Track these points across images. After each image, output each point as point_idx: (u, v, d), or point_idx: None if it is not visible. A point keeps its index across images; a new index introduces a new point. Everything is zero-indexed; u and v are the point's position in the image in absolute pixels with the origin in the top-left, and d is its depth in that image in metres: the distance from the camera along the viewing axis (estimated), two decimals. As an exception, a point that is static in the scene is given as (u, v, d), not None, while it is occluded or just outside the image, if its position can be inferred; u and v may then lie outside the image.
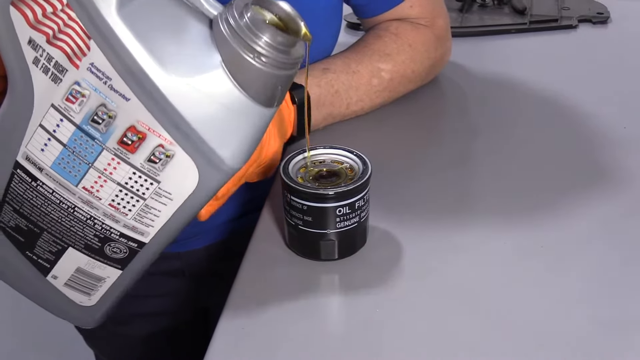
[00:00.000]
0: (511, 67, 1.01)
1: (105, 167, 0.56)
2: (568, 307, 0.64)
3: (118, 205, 0.58)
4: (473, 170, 0.81)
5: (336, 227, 0.67)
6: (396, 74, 0.85)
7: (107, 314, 0.68)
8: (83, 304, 0.65)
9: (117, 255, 0.61)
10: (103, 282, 0.63)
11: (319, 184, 0.68)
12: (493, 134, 0.86)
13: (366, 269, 0.68)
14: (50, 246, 0.61)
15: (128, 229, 0.59)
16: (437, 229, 0.73)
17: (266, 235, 0.72)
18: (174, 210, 0.59)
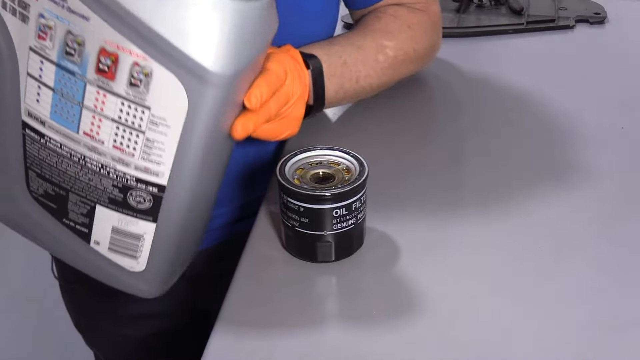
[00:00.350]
0: (508, 67, 1.01)
1: (94, 104, 0.56)
2: (567, 307, 0.64)
3: (121, 146, 0.57)
4: (470, 170, 0.81)
5: (333, 228, 0.67)
6: (399, 52, 0.85)
7: (169, 281, 0.66)
8: (134, 269, 0.63)
9: (143, 205, 0.59)
10: (142, 240, 0.61)
11: (315, 186, 0.68)
12: (489, 135, 0.86)
13: (363, 271, 0.68)
14: (80, 207, 0.61)
15: (141, 172, 0.58)
16: (434, 230, 0.73)
17: (263, 237, 0.72)
18: (177, 140, 0.57)
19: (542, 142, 0.85)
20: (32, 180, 0.62)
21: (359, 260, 0.69)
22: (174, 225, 0.62)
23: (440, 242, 0.71)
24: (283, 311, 0.65)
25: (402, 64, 0.87)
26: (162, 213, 0.60)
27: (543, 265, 0.68)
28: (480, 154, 0.83)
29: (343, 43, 0.82)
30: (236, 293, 0.67)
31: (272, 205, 0.76)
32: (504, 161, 0.82)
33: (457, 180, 0.79)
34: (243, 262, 0.70)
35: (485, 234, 0.72)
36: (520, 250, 0.70)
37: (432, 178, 0.80)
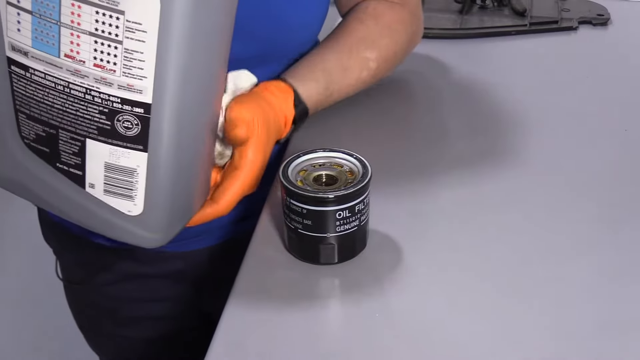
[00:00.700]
0: (511, 69, 1.01)
1: (71, 19, 0.57)
2: (572, 310, 0.64)
3: (102, 62, 0.58)
4: (474, 172, 0.80)
5: (336, 230, 0.67)
6: (381, 60, 0.87)
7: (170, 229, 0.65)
8: (132, 213, 0.63)
9: (132, 131, 0.59)
10: (136, 175, 0.61)
11: (318, 188, 0.68)
12: (492, 136, 0.86)
13: (366, 273, 0.68)
14: (71, 146, 0.61)
15: (125, 90, 0.58)
16: (438, 233, 0.73)
17: (265, 239, 0.72)
18: (155, 47, 0.57)
19: (545, 144, 0.85)
20: (23, 124, 0.62)
21: (362, 262, 0.69)
22: (166, 154, 0.61)
23: (444, 245, 0.71)
24: (285, 314, 0.65)
25: (382, 71, 0.89)
26: (151, 139, 0.60)
27: (549, 269, 0.68)
28: (484, 155, 0.83)
29: (334, 70, 0.84)
30: (238, 295, 0.66)
31: (274, 207, 0.76)
32: (508, 163, 0.82)
33: (461, 182, 0.79)
34: (245, 264, 0.70)
35: (491, 236, 0.72)
36: (525, 253, 0.70)
37: (437, 180, 0.79)
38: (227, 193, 0.70)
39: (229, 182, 0.70)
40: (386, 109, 0.90)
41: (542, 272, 0.68)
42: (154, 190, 0.62)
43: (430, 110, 0.93)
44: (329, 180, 0.69)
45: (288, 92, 0.79)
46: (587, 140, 0.85)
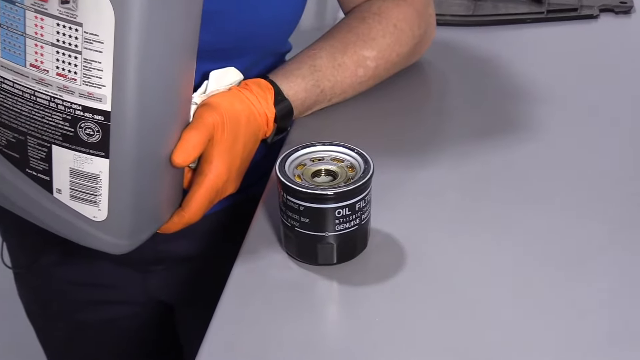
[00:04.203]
0: (527, 59, 1.01)
1: (35, 31, 0.63)
2: (580, 315, 0.64)
3: (64, 72, 0.63)
4: (480, 169, 0.81)
5: (335, 229, 0.67)
6: (381, 60, 0.88)
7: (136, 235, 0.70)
8: (97, 218, 0.67)
9: (93, 138, 0.65)
10: (100, 180, 0.66)
11: (317, 183, 0.68)
12: (504, 131, 0.86)
13: (366, 275, 0.68)
14: (39, 152, 0.67)
15: (85, 98, 0.63)
16: (442, 232, 0.73)
17: (260, 237, 0.73)
18: (111, 58, 0.62)
19: (560, 138, 0.85)
20: None
21: (362, 263, 0.69)
22: (127, 160, 0.66)
23: (449, 245, 0.71)
24: (280, 316, 0.65)
25: (383, 72, 0.89)
26: (112, 145, 0.65)
27: (562, 273, 0.68)
28: (494, 151, 0.83)
29: (324, 66, 0.85)
30: (230, 296, 0.67)
31: (270, 203, 0.76)
32: (520, 159, 0.82)
33: (466, 179, 0.79)
34: (238, 263, 0.70)
35: (496, 236, 0.72)
36: (537, 255, 0.70)
37: (442, 177, 0.80)
38: (193, 200, 0.72)
39: (194, 189, 0.72)
40: (392, 100, 0.90)
41: (555, 276, 0.68)
42: (117, 196, 0.67)
43: (440, 102, 0.93)
44: (328, 176, 0.70)
45: (268, 89, 0.80)
46: (607, 134, 0.85)
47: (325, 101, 0.86)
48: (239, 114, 0.75)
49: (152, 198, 0.70)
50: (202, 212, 0.73)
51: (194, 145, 0.70)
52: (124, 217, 0.68)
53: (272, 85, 0.80)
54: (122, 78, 0.63)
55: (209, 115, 0.72)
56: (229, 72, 0.77)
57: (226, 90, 0.77)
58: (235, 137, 0.74)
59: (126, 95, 0.63)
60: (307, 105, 0.84)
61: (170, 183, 0.71)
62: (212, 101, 0.74)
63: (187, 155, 0.69)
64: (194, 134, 0.70)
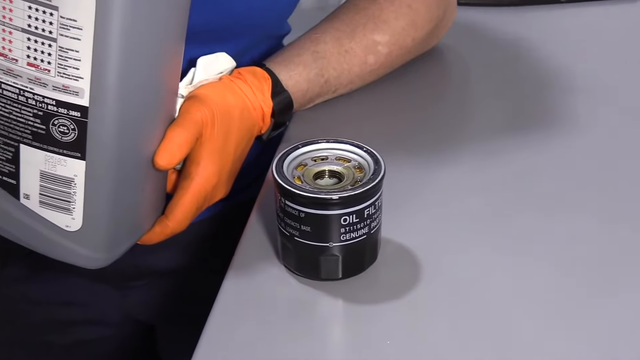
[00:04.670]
0: (561, 43, 1.01)
1: (3, 14, 0.62)
2: (618, 336, 0.64)
3: (35, 61, 0.63)
4: (506, 170, 0.81)
5: (340, 239, 0.67)
6: (394, 46, 0.88)
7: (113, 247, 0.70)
8: (70, 228, 0.67)
9: (68, 137, 0.64)
10: (74, 185, 0.66)
11: (320, 186, 0.68)
12: (534, 126, 0.86)
13: (376, 291, 0.68)
14: (4, 152, 0.66)
15: (60, 92, 0.63)
16: (462, 243, 0.73)
17: (254, 249, 0.73)
18: (91, 47, 0.62)
19: (600, 136, 0.85)
20: None
21: (371, 278, 0.69)
22: (106, 162, 0.66)
23: (470, 258, 0.71)
24: (277, 339, 0.65)
25: (396, 59, 0.89)
26: (89, 146, 0.65)
27: (593, 290, 0.68)
28: (523, 150, 0.83)
29: (329, 52, 0.85)
30: (219, 316, 0.67)
31: (266, 209, 0.76)
32: (552, 159, 0.82)
33: (492, 183, 0.79)
34: (229, 278, 0.70)
35: (526, 249, 0.72)
36: (568, 272, 0.70)
37: (463, 179, 0.80)
38: (178, 207, 0.72)
39: (180, 194, 0.72)
40: (406, 92, 0.90)
41: (590, 293, 0.68)
42: (93, 203, 0.67)
43: (460, 93, 0.93)
44: (332, 178, 0.70)
45: (264, 79, 0.80)
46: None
47: (329, 92, 0.86)
48: (231, 108, 0.75)
49: (132, 205, 0.70)
50: (188, 221, 0.73)
51: (179, 145, 0.69)
52: (100, 227, 0.68)
53: (269, 74, 0.80)
54: (102, 69, 0.62)
55: (196, 109, 0.72)
56: (219, 59, 0.77)
57: (216, 80, 0.77)
58: (227, 135, 0.74)
59: (107, 88, 0.63)
60: (309, 97, 0.84)
61: (152, 188, 0.71)
62: (201, 93, 0.74)
63: (172, 157, 0.69)
64: (180, 132, 0.70)
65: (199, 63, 0.76)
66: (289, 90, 0.81)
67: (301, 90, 0.83)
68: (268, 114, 0.79)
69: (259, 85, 0.79)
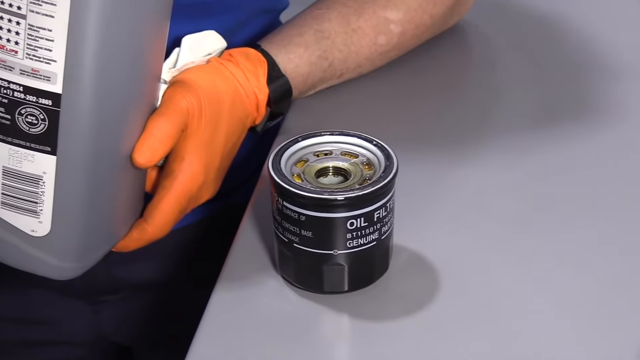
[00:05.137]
0: (606, 21, 1.00)
1: None
2: None
3: (1, 41, 0.62)
4: (538, 168, 0.81)
5: (347, 246, 0.67)
6: (409, 25, 0.88)
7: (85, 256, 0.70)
8: (37, 233, 0.67)
9: (36, 128, 0.64)
10: (42, 184, 0.65)
11: (323, 185, 0.68)
12: (561, 118, 0.86)
13: (387, 307, 0.69)
14: None
15: (29, 77, 0.63)
16: (486, 251, 0.73)
17: (247, 257, 0.73)
18: (66, 25, 0.61)
19: (637, 130, 0.85)
20: None
21: (381, 291, 0.69)
22: (80, 158, 0.66)
23: (494, 268, 0.71)
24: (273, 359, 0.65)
25: (411, 39, 0.89)
26: (61, 139, 0.64)
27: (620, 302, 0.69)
28: (552, 145, 0.83)
29: (334, 31, 0.85)
30: (207, 336, 0.67)
31: (260, 212, 0.76)
32: (584, 158, 0.82)
33: (522, 182, 0.79)
34: (218, 291, 0.70)
35: (559, 258, 0.72)
36: (603, 284, 0.70)
37: (487, 178, 0.80)
38: (159, 209, 0.72)
39: (161, 194, 0.72)
40: (423, 76, 0.91)
41: (631, 313, 0.68)
42: (64, 204, 0.66)
43: (485, 79, 0.94)
44: (337, 176, 0.70)
45: (259, 62, 0.80)
46: None
47: (334, 78, 0.87)
48: (220, 95, 0.75)
49: (108, 207, 0.70)
50: (169, 225, 0.73)
51: (161, 139, 0.69)
52: (71, 232, 0.68)
53: (264, 56, 0.81)
54: (78, 51, 0.62)
55: (181, 97, 0.72)
56: (207, 38, 0.77)
57: (204, 63, 0.77)
58: (216, 126, 0.74)
59: (83, 73, 0.63)
60: (310, 83, 0.85)
61: (131, 187, 0.71)
62: (186, 78, 0.74)
63: (153, 153, 0.69)
64: (163, 124, 0.70)
65: (183, 43, 0.76)
66: (287, 75, 0.81)
67: (301, 75, 0.83)
68: (263, 103, 0.79)
69: (252, 69, 0.79)
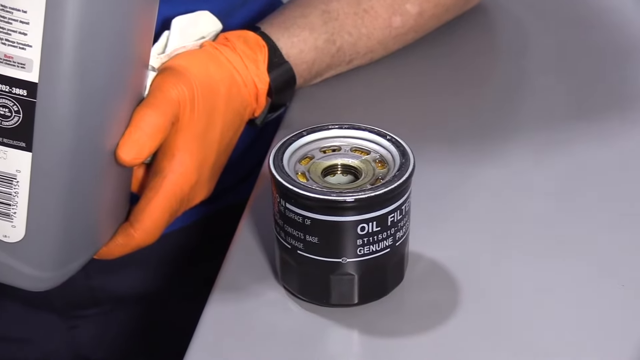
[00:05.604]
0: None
1: None
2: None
3: None
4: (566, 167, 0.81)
5: (357, 253, 0.67)
6: (427, 4, 0.88)
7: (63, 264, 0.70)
8: (9, 239, 0.68)
9: (9, 121, 0.65)
10: (16, 184, 0.66)
11: (330, 185, 0.68)
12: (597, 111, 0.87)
13: (402, 321, 0.69)
14: None
15: (1, 64, 0.63)
16: (511, 260, 0.73)
17: (245, 266, 0.73)
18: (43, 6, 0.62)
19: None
20: None
21: (396, 304, 0.70)
22: (57, 154, 0.66)
23: (519, 280, 0.72)
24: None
25: (430, 21, 0.90)
26: (37, 133, 0.65)
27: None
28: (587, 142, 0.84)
29: (343, 12, 0.85)
30: (201, 351, 0.67)
31: (259, 215, 0.76)
32: (623, 156, 0.83)
33: (555, 183, 0.80)
34: (212, 304, 0.70)
35: (597, 269, 0.72)
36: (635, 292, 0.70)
37: (516, 178, 0.80)
38: (147, 212, 0.72)
39: (149, 196, 0.72)
40: (443, 62, 0.91)
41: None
42: (40, 206, 0.67)
43: (513, 66, 0.94)
44: (347, 174, 0.70)
45: (259, 47, 0.80)
46: None
47: (343, 64, 0.87)
48: (215, 84, 0.75)
49: (89, 209, 0.70)
50: (159, 231, 0.73)
51: (149, 133, 0.69)
52: (48, 237, 0.68)
53: (264, 40, 0.81)
54: (57, 35, 0.62)
55: (172, 86, 0.72)
56: (200, 19, 0.77)
57: (196, 48, 0.77)
58: (210, 119, 0.74)
59: (61, 60, 0.63)
60: (316, 71, 0.85)
61: (115, 187, 0.71)
62: (177, 65, 0.74)
63: (140, 149, 0.69)
64: (151, 116, 0.70)
65: (174, 25, 0.76)
66: (290, 62, 0.82)
67: (306, 61, 0.83)
68: (263, 92, 0.80)
69: (251, 55, 0.79)
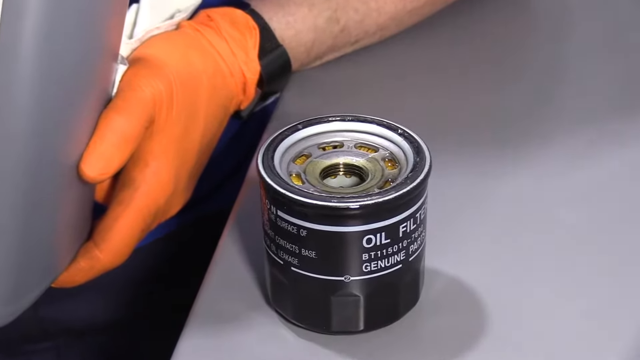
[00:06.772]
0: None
1: None
2: None
3: None
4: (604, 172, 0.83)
5: (362, 270, 0.66)
6: None
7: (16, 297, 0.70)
8: None
9: None
10: None
11: (331, 189, 0.68)
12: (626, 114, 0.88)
13: (416, 351, 0.69)
14: None
15: None
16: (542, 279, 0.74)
17: (229, 285, 0.73)
18: None
19: None
20: None
21: (408, 330, 0.70)
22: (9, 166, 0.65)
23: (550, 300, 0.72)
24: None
25: None
26: None
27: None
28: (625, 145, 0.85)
29: None
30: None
31: (246, 223, 0.77)
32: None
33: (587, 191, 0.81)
34: (189, 332, 0.70)
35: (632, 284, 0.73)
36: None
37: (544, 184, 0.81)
38: (115, 230, 0.72)
39: (117, 211, 0.72)
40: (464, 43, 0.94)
41: None
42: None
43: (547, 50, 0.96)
44: (351, 176, 0.70)
45: (248, 28, 0.82)
46: None
47: (347, 45, 0.88)
48: (197, 77, 0.75)
49: (46, 231, 0.70)
50: (129, 250, 0.73)
51: (118, 144, 0.68)
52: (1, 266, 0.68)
53: (255, 20, 0.82)
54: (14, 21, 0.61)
55: (145, 82, 0.71)
56: None
57: (173, 30, 0.77)
58: (191, 118, 0.74)
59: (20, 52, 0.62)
60: (315, 54, 0.86)
61: (76, 205, 0.71)
62: (150, 55, 0.74)
63: (107, 162, 0.68)
64: (120, 123, 0.69)
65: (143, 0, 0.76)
66: (285, 45, 0.83)
67: (304, 44, 0.84)
68: (252, 83, 0.80)
69: (239, 39, 0.80)
